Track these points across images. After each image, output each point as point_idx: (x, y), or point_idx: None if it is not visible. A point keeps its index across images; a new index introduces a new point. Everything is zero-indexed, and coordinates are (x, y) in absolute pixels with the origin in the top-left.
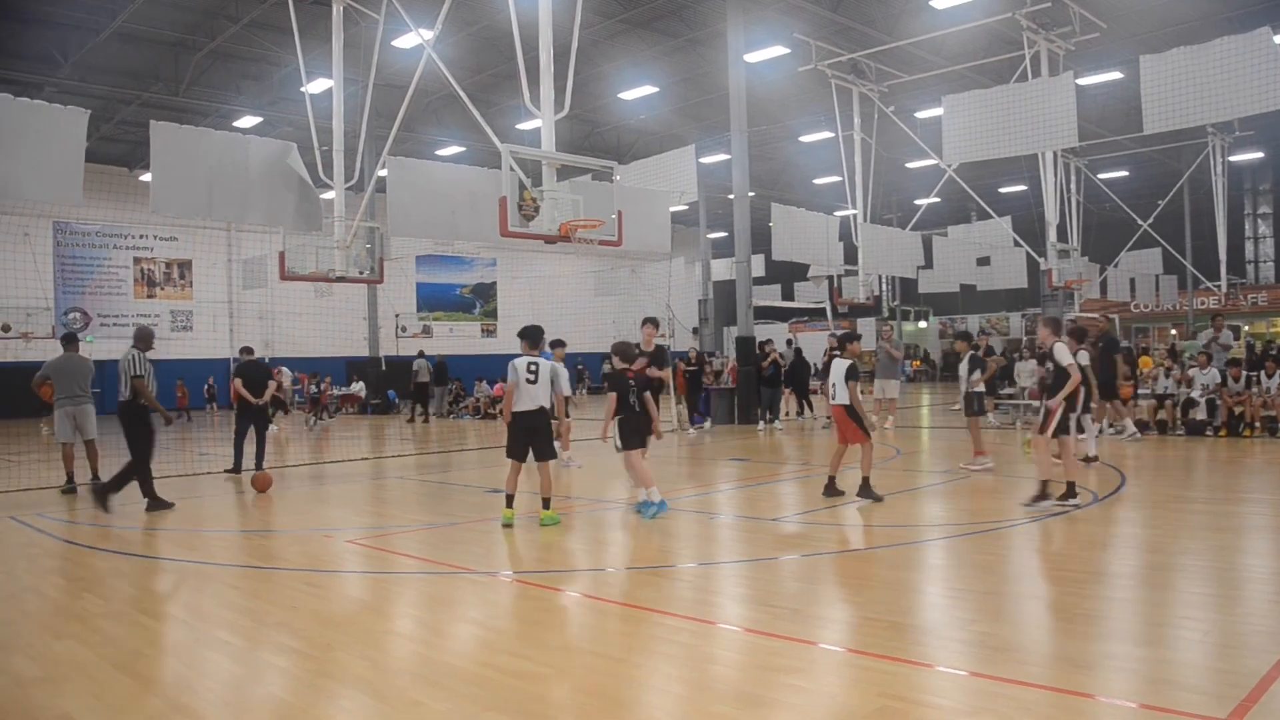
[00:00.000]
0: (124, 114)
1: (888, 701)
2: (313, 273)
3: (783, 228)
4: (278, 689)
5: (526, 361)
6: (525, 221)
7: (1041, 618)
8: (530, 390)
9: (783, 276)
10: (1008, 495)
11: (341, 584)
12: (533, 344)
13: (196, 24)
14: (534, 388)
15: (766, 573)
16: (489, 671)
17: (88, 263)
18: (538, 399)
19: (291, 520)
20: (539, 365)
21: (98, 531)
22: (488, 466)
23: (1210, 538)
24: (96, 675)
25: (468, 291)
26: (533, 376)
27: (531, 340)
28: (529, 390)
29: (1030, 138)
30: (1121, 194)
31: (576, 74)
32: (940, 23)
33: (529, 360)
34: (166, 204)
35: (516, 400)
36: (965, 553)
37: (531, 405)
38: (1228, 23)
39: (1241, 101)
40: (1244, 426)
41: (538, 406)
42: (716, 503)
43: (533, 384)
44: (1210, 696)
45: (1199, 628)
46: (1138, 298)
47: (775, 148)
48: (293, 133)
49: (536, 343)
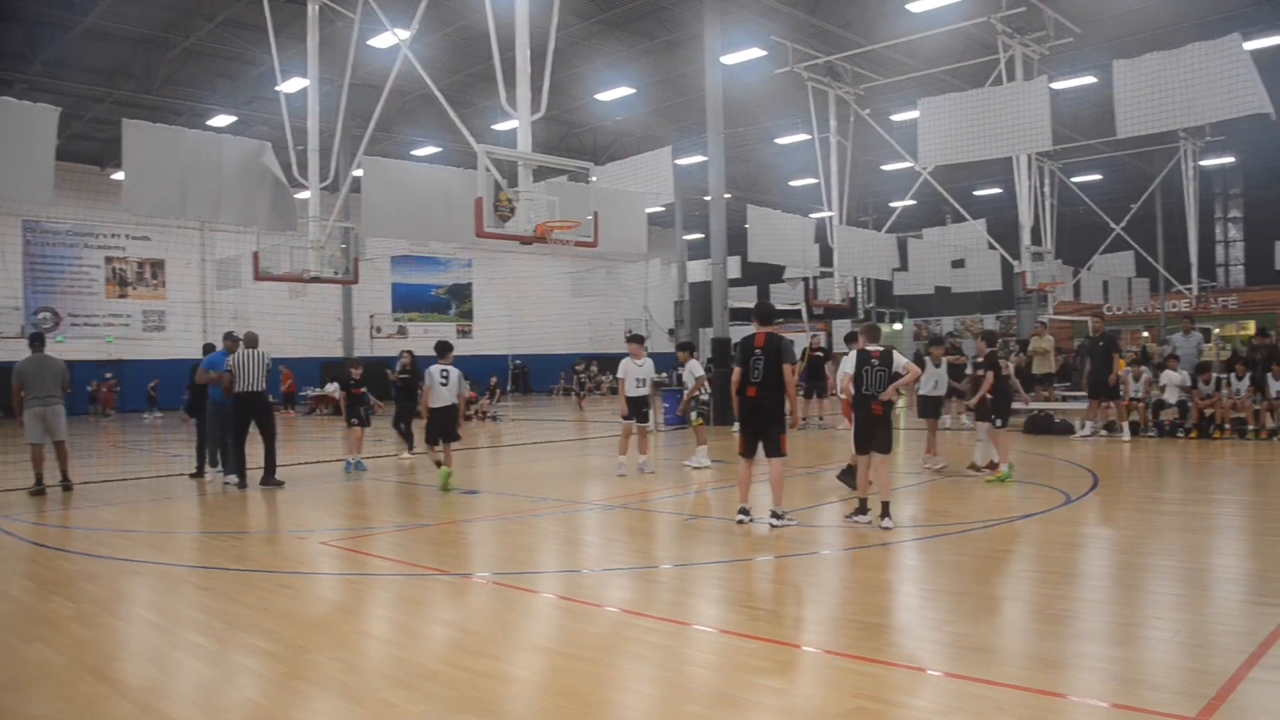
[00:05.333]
0: (95, 112)
1: (863, 702)
2: (287, 273)
3: (759, 229)
4: (250, 691)
5: (440, 369)
6: (501, 222)
7: (1015, 618)
8: (442, 391)
9: (759, 278)
10: (981, 497)
11: (315, 586)
12: (442, 355)
13: (170, 22)
14: (445, 389)
15: (741, 574)
16: (462, 673)
17: (58, 262)
18: (448, 398)
19: (264, 522)
20: (450, 372)
21: (66, 534)
22: (466, 469)
23: (1181, 538)
24: (66, 679)
25: (443, 292)
26: (445, 380)
27: (441, 352)
28: (441, 391)
29: (1005, 141)
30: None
31: (553, 75)
32: (916, 26)
33: (442, 368)
34: (139, 203)
35: (433, 399)
36: (939, 553)
37: (445, 402)
38: (1199, 28)
39: (1212, 106)
40: (1214, 428)
41: (449, 403)
42: (692, 504)
43: (445, 386)
44: (1180, 695)
45: (1170, 627)
46: (1110, 300)
47: (751, 150)
48: (268, 132)
49: (446, 354)
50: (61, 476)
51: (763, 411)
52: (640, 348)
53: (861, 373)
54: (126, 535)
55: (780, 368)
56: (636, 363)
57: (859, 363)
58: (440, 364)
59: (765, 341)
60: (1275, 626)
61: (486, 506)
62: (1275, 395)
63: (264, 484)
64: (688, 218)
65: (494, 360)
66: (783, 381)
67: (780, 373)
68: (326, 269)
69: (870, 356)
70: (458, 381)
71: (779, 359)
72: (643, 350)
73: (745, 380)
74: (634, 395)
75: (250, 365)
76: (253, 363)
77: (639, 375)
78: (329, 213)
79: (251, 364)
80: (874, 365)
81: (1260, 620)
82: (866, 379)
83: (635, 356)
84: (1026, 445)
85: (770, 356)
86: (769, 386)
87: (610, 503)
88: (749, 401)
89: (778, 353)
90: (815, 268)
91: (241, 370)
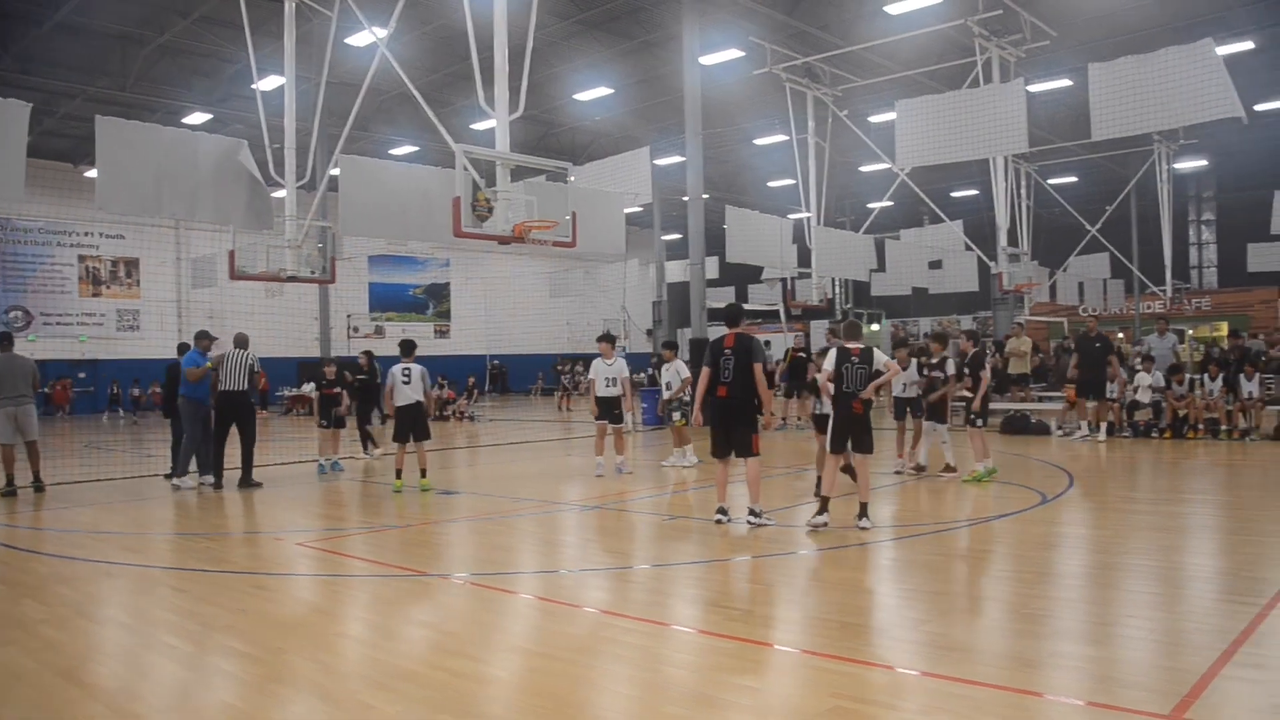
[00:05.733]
0: (68, 108)
1: (840, 702)
2: (263, 272)
3: (737, 230)
4: (227, 694)
5: (401, 368)
6: (479, 222)
7: (992, 617)
8: (405, 389)
9: (737, 279)
10: (958, 497)
11: (291, 587)
12: (405, 353)
13: (145, 17)
14: (408, 388)
15: (719, 574)
16: (440, 674)
17: (29, 260)
18: (412, 395)
19: (240, 523)
20: (411, 370)
21: (38, 535)
22: (440, 469)
23: (1155, 538)
24: (38, 683)
25: (421, 292)
26: (407, 378)
27: (405, 350)
28: (404, 390)
29: (981, 143)
30: (1070, 199)
31: (532, 75)
32: (894, 28)
33: (403, 367)
34: (112, 201)
35: (397, 398)
36: (917, 553)
37: (408, 400)
38: (1173, 33)
39: (1185, 110)
40: (1187, 429)
41: (414, 401)
42: (670, 504)
43: (407, 384)
44: (1154, 693)
45: (1144, 626)
46: (1086, 301)
47: (730, 150)
48: (244, 130)
49: (408, 352)
50: (33, 477)
51: (732, 411)
52: (611, 347)
53: (842, 370)
54: (100, 537)
55: (750, 367)
56: (607, 363)
57: (839, 360)
58: (403, 362)
59: (735, 342)
60: (1247, 624)
61: (464, 507)
62: (1248, 396)
63: (241, 485)
64: (666, 218)
65: (472, 360)
66: (753, 381)
67: (750, 372)
68: (303, 268)
69: (850, 354)
70: (420, 379)
71: (749, 358)
72: (613, 350)
73: (716, 380)
74: (605, 395)
75: (235, 366)
76: (237, 363)
77: (609, 375)
78: (306, 212)
79: (236, 364)
80: (854, 363)
81: (1233, 618)
82: (847, 377)
83: (606, 356)
84: (1003, 445)
85: (740, 356)
86: (739, 386)
87: (588, 503)
88: (719, 401)
89: (748, 352)
90: (793, 268)
91: (226, 370)
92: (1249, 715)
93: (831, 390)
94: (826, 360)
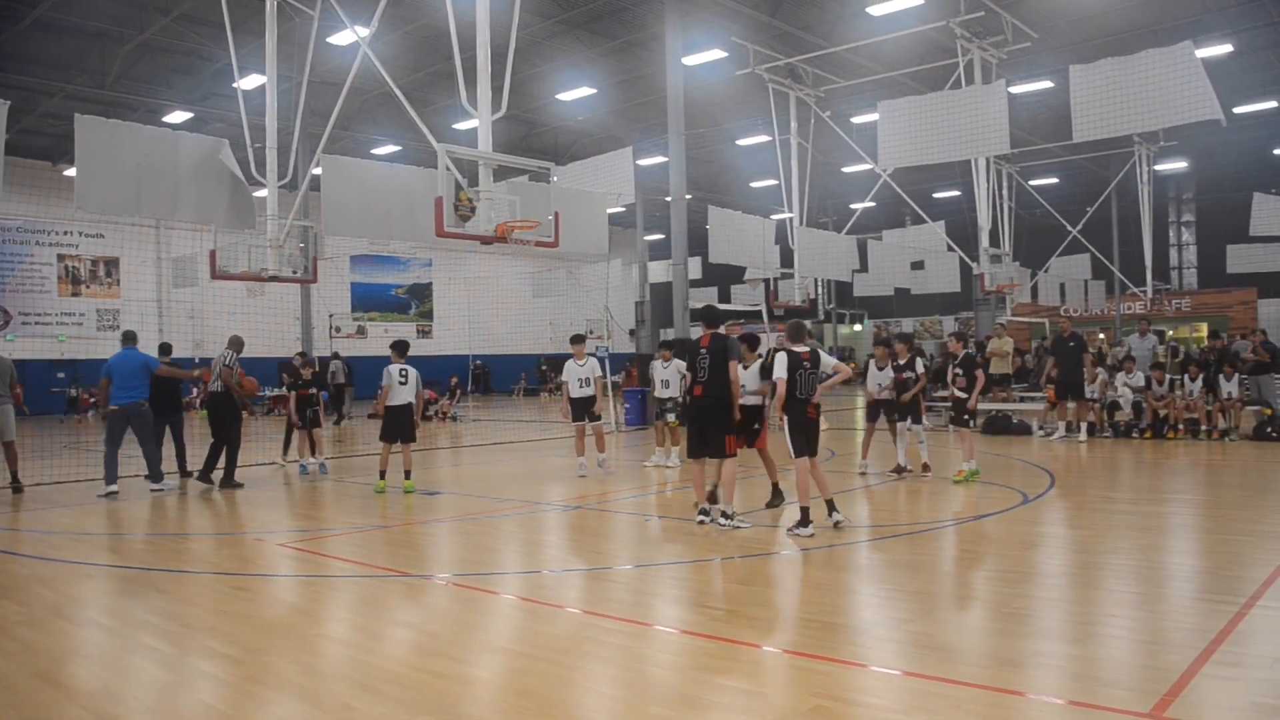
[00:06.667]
0: (47, 106)
1: (823, 701)
2: (245, 271)
3: (719, 230)
4: (208, 696)
5: (398, 368)
6: (461, 222)
7: (973, 617)
8: (401, 390)
9: (719, 279)
10: (940, 497)
11: (273, 588)
12: (401, 354)
13: (124, 15)
14: (404, 389)
15: (702, 574)
16: (422, 675)
17: (8, 259)
18: (407, 396)
19: (220, 524)
20: (408, 371)
21: (16, 536)
22: (422, 469)
23: (1136, 537)
24: (16, 685)
25: (403, 292)
26: (404, 379)
27: (400, 351)
28: (400, 390)
29: (964, 144)
30: (1052, 200)
31: (514, 74)
32: (876, 29)
33: (400, 367)
34: (92, 200)
35: (391, 398)
36: (898, 553)
37: (403, 401)
38: (1153, 35)
39: (1165, 112)
40: (1168, 429)
41: (407, 402)
42: (653, 504)
43: (404, 385)
44: (1134, 692)
45: (1124, 625)
46: (1067, 302)
47: (712, 151)
48: (225, 129)
49: (404, 353)
50: (11, 478)
51: (706, 411)
52: (583, 348)
53: (795, 376)
54: (79, 538)
55: (726, 366)
56: (579, 363)
57: (791, 366)
58: (398, 363)
59: (710, 341)
60: (1226, 623)
61: (447, 507)
62: (1227, 396)
63: (223, 486)
64: (649, 218)
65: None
66: (728, 380)
67: (726, 371)
68: (285, 268)
69: (801, 359)
70: (416, 381)
71: (724, 357)
72: (585, 350)
73: (692, 380)
74: (578, 396)
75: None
76: (218, 364)
77: (581, 375)
78: (287, 211)
79: (217, 365)
80: (806, 368)
81: (1212, 617)
82: (800, 382)
83: (578, 357)
84: (985, 445)
85: (715, 356)
86: (715, 385)
87: (571, 503)
88: (695, 401)
89: (723, 351)
90: (776, 269)
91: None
92: (1228, 713)
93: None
94: (778, 365)
